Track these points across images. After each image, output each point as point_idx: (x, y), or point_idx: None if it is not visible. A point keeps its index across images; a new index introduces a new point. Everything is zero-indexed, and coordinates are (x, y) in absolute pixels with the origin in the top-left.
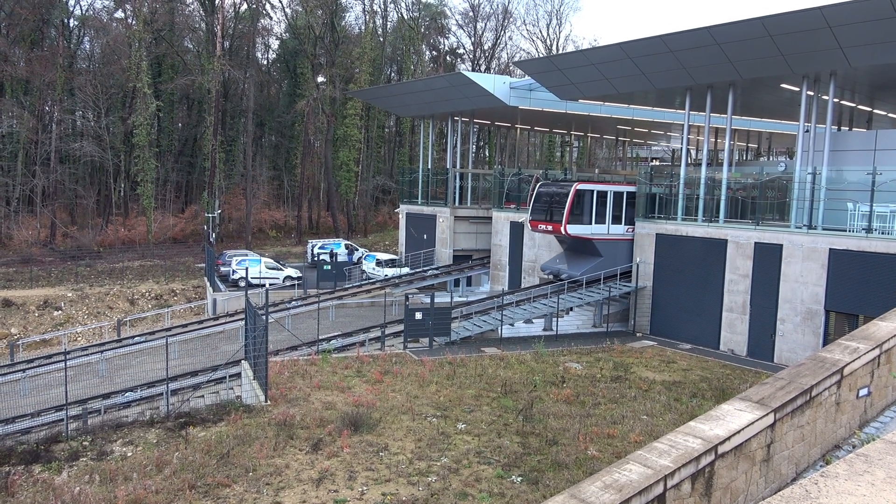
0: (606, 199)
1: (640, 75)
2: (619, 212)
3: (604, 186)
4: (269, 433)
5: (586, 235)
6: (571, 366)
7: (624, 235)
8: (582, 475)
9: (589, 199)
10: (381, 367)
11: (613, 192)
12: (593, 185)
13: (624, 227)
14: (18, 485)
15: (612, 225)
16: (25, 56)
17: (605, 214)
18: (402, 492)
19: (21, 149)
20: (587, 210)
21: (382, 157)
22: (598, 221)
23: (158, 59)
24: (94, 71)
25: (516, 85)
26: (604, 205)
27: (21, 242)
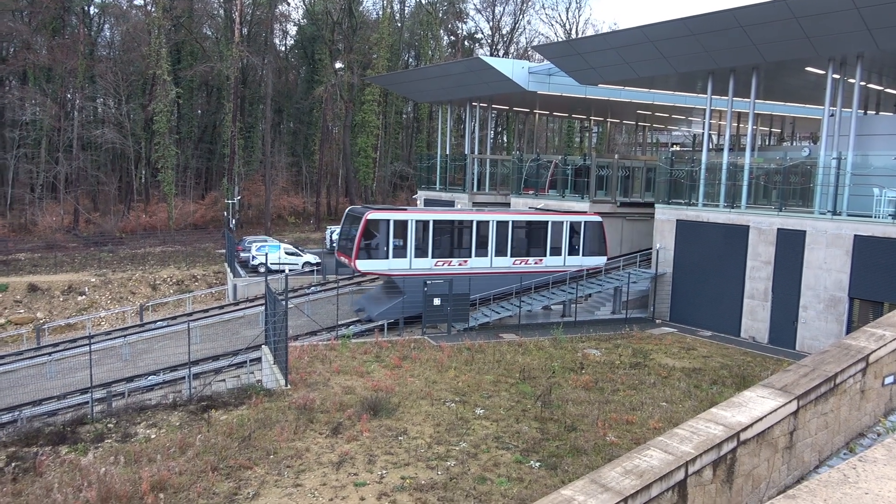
0: (407, 228)
1: (661, 59)
2: (423, 243)
3: (403, 215)
4: (289, 417)
5: (380, 271)
6: (590, 352)
7: (431, 270)
8: (601, 461)
9: (384, 229)
10: (400, 352)
11: (416, 221)
12: (390, 214)
13: (431, 261)
14: (46, 465)
15: (415, 259)
16: (47, 44)
17: (406, 247)
18: (421, 476)
19: (44, 136)
20: (383, 242)
21: (400, 144)
22: (397, 255)
23: (178, 46)
24: (115, 58)
25: (535, 70)
26: (404, 235)
27: (45, 228)
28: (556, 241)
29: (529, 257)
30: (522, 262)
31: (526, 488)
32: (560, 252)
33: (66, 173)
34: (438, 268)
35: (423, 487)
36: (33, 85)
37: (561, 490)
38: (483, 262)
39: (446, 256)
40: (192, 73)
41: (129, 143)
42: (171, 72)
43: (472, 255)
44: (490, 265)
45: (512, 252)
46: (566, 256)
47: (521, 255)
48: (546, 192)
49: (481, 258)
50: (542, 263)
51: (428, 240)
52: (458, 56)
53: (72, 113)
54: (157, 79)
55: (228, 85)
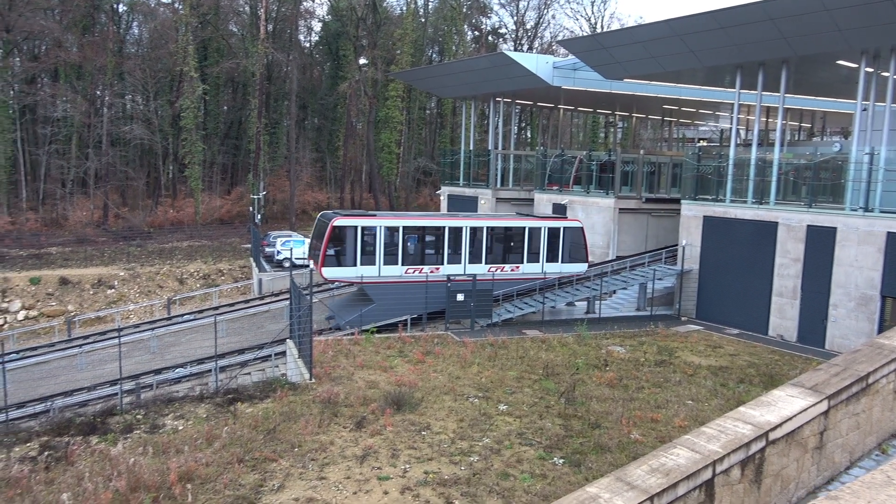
0: (376, 235)
1: (688, 53)
2: (393, 250)
3: (372, 221)
4: (313, 410)
5: (348, 279)
6: (614, 349)
7: (401, 278)
8: (625, 459)
9: (352, 235)
10: (423, 347)
11: (385, 228)
12: (358, 220)
13: (401, 269)
14: (77, 454)
15: (384, 266)
16: (78, 42)
17: (374, 253)
18: (445, 471)
19: (75, 132)
20: (350, 249)
21: (424, 139)
22: (365, 262)
23: (204, 43)
24: (143, 55)
25: (559, 64)
26: (373, 242)
27: (76, 223)
28: (535, 248)
29: (506, 264)
30: (498, 268)
31: (549, 485)
32: (538, 259)
33: (96, 169)
34: (409, 275)
35: (446, 482)
36: (64, 82)
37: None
38: (456, 270)
39: (417, 263)
40: (218, 69)
41: (156, 139)
42: (197, 68)
43: (444, 262)
44: (464, 272)
45: (487, 259)
46: (544, 263)
47: (496, 261)
48: (570, 188)
49: (454, 265)
50: (519, 270)
51: (398, 246)
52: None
53: (101, 109)
54: (184, 75)
55: (254, 81)
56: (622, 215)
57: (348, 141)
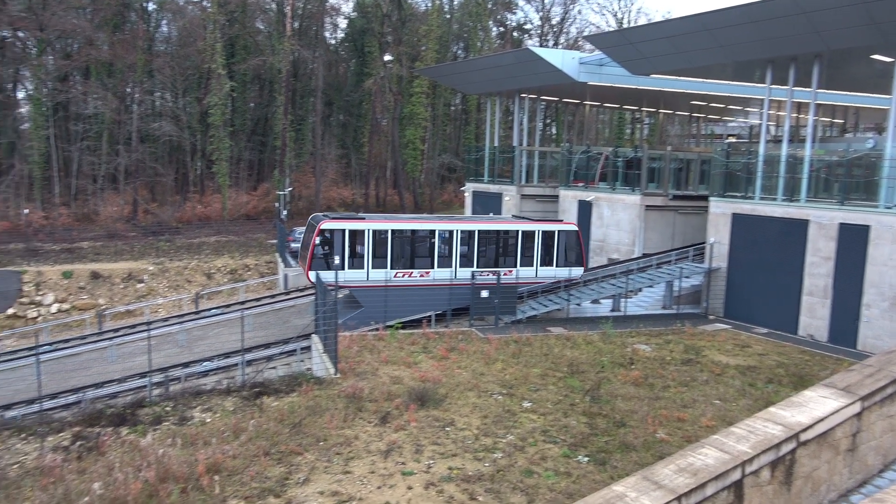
0: (364, 238)
1: (717, 48)
2: (381, 253)
3: (360, 224)
4: (338, 405)
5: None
6: (640, 347)
7: (390, 282)
8: (651, 458)
9: (339, 238)
10: (447, 343)
11: (373, 231)
12: (346, 223)
13: (390, 272)
14: (108, 445)
15: (372, 270)
16: (109, 40)
17: (363, 257)
18: (469, 467)
19: (106, 129)
20: (338, 252)
21: (448, 136)
22: (353, 266)
23: (231, 41)
24: (172, 53)
25: (585, 60)
26: (361, 245)
27: (107, 218)
28: (528, 252)
29: (498, 268)
30: (489, 273)
31: (574, 483)
32: (532, 263)
33: (126, 165)
34: (398, 279)
35: (470, 479)
36: (95, 79)
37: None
38: (446, 274)
39: (406, 267)
40: (245, 66)
41: (185, 136)
42: (225, 66)
43: (434, 266)
44: (454, 276)
45: (479, 263)
46: (538, 267)
47: (489, 265)
48: (596, 185)
49: (444, 269)
50: (511, 275)
51: (386, 250)
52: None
53: (131, 106)
54: (211, 73)
55: (280, 78)
56: (648, 212)
57: (373, 137)
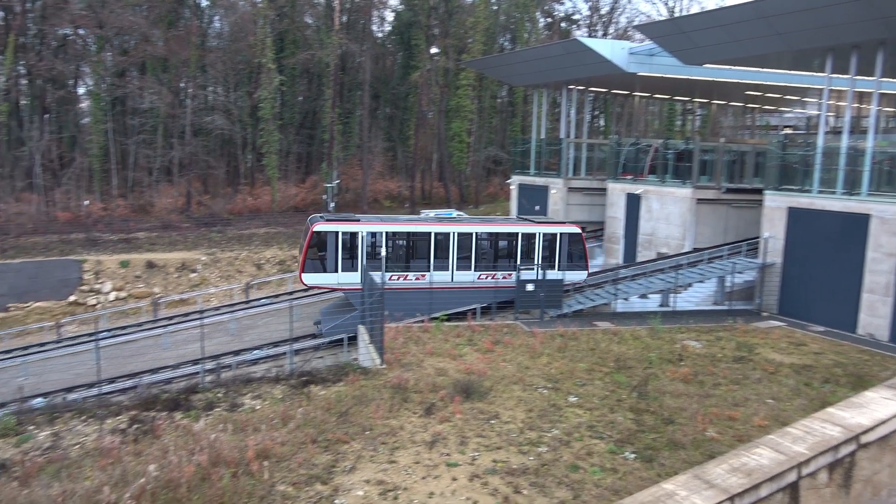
0: (358, 240)
1: (774, 36)
2: (376, 255)
3: (354, 226)
4: (384, 395)
5: (329, 285)
6: (690, 343)
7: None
8: (700, 456)
9: (333, 241)
10: (492, 336)
11: (368, 233)
12: (339, 225)
13: (385, 275)
14: (163, 428)
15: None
16: (163, 36)
17: (356, 259)
18: (513, 460)
19: (160, 123)
20: (332, 254)
21: (494, 128)
22: (347, 268)
23: (281, 35)
24: (224, 48)
25: (636, 50)
26: (354, 248)
27: (161, 209)
28: (528, 255)
29: (497, 271)
30: (489, 276)
31: (620, 479)
32: (533, 265)
33: (180, 158)
34: (393, 282)
35: (514, 472)
36: (151, 75)
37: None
38: (443, 277)
39: (402, 270)
40: (294, 61)
41: (236, 129)
42: (274, 60)
43: (430, 269)
44: (451, 280)
45: (476, 266)
46: (539, 271)
47: (487, 268)
48: (645, 177)
49: (441, 272)
50: (511, 278)
51: (381, 252)
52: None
53: (185, 101)
54: (262, 67)
55: (328, 72)
56: (700, 206)
57: (419, 130)
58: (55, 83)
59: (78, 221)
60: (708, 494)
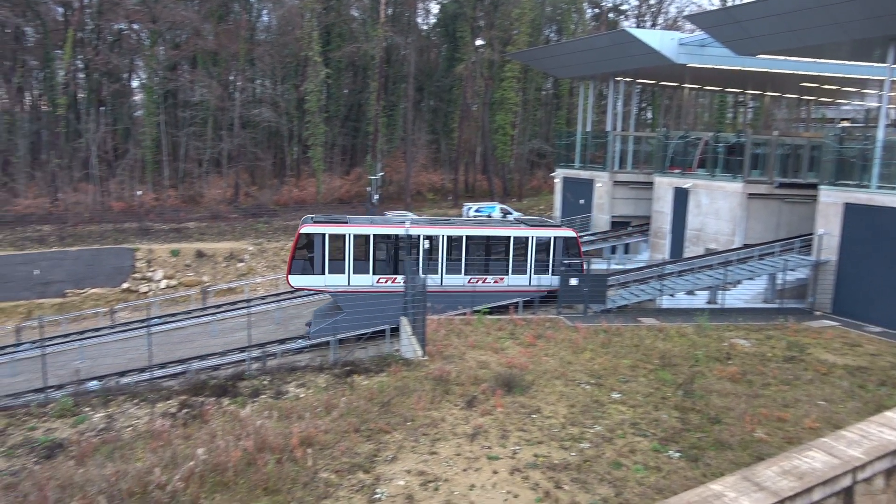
0: (345, 243)
1: (832, 25)
2: (363, 259)
3: (341, 228)
4: (426, 386)
5: (316, 287)
6: (738, 342)
7: (372, 287)
8: (748, 458)
9: (320, 243)
10: (535, 330)
11: (355, 235)
12: (326, 227)
13: (372, 278)
14: (211, 414)
15: (354, 275)
16: (214, 30)
17: (343, 262)
18: (555, 455)
19: (210, 115)
20: (319, 256)
21: (539, 121)
22: (334, 270)
23: (328, 28)
24: (272, 42)
25: (686, 41)
26: (342, 250)
27: (210, 200)
28: (520, 259)
29: (488, 275)
30: (480, 280)
31: (664, 478)
32: (525, 270)
33: (229, 150)
34: (381, 285)
35: (556, 467)
36: (201, 68)
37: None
38: (432, 281)
39: (390, 273)
40: (340, 54)
41: (283, 122)
42: (321, 53)
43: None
44: (440, 283)
45: (466, 269)
46: (532, 276)
47: (477, 272)
48: (694, 171)
49: (430, 275)
50: (503, 283)
51: (369, 255)
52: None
53: (234, 94)
54: (308, 60)
55: (373, 65)
56: (751, 201)
57: (463, 122)
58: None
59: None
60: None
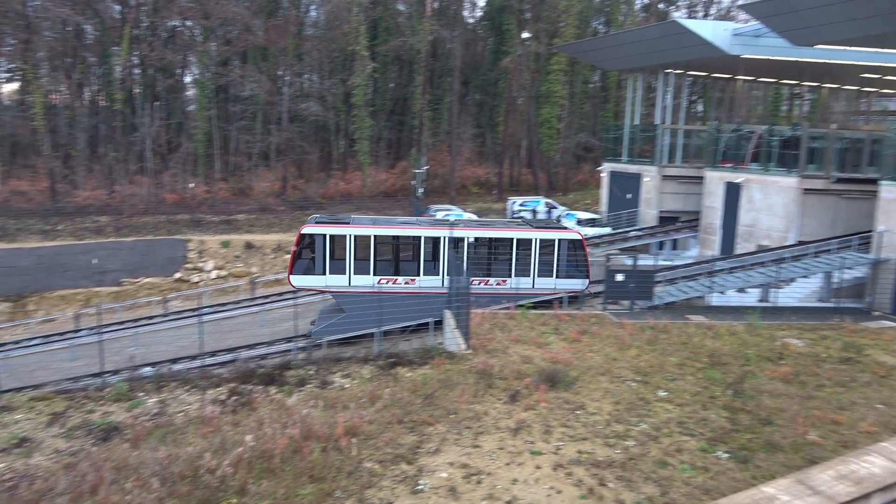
0: (346, 244)
1: None
2: (364, 259)
3: (342, 229)
4: (469, 380)
5: (317, 287)
6: (791, 341)
7: (373, 288)
8: (800, 461)
9: (321, 243)
10: (579, 326)
11: (355, 236)
12: (327, 228)
13: (373, 279)
14: (259, 401)
15: (354, 276)
16: (263, 26)
17: (344, 263)
18: (599, 452)
19: (259, 110)
20: (319, 257)
21: (586, 114)
22: (335, 271)
23: (374, 23)
24: (319, 37)
25: (740, 31)
26: (343, 251)
27: (259, 193)
28: (524, 261)
29: (490, 278)
30: (482, 282)
31: (711, 479)
32: (528, 273)
33: (277, 143)
34: (382, 286)
35: (600, 464)
36: (251, 63)
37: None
38: (433, 282)
39: (391, 274)
40: (386, 48)
41: (329, 116)
42: (367, 48)
43: (420, 274)
44: (442, 285)
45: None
46: (535, 278)
47: (479, 274)
48: (747, 165)
49: (431, 277)
50: (506, 285)
51: (370, 256)
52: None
53: (282, 88)
54: (355, 55)
55: (419, 58)
56: (807, 196)
57: (509, 116)
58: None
59: (184, 203)
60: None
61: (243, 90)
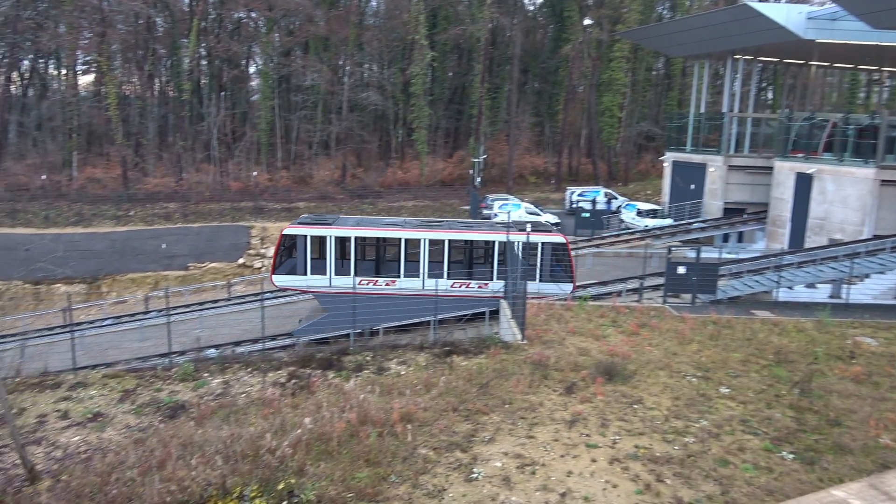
0: (326, 244)
1: None
2: (344, 260)
3: (323, 230)
4: (524, 370)
5: (299, 287)
6: (863, 340)
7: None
8: (871, 464)
9: (302, 244)
10: (638, 319)
11: (335, 237)
12: (308, 228)
13: (354, 280)
14: (317, 385)
15: (335, 276)
16: (325, 16)
17: (325, 263)
18: (657, 447)
19: (320, 99)
20: (301, 257)
21: (648, 102)
22: (316, 271)
23: (434, 11)
24: (380, 26)
25: (815, 15)
26: (323, 252)
27: (319, 181)
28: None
29: (471, 280)
30: (463, 284)
31: (775, 480)
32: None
33: (337, 132)
34: (362, 287)
35: (657, 460)
36: (313, 54)
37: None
38: (414, 284)
39: (371, 275)
40: (445, 36)
41: (388, 105)
42: (427, 36)
43: (400, 275)
44: (422, 287)
45: (449, 274)
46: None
47: (460, 277)
48: (819, 155)
49: (411, 279)
50: (487, 288)
51: (350, 257)
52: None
53: (343, 78)
54: (415, 44)
55: (478, 47)
56: (885, 188)
57: (568, 105)
58: (230, 63)
59: (247, 191)
60: None
61: (305, 80)
